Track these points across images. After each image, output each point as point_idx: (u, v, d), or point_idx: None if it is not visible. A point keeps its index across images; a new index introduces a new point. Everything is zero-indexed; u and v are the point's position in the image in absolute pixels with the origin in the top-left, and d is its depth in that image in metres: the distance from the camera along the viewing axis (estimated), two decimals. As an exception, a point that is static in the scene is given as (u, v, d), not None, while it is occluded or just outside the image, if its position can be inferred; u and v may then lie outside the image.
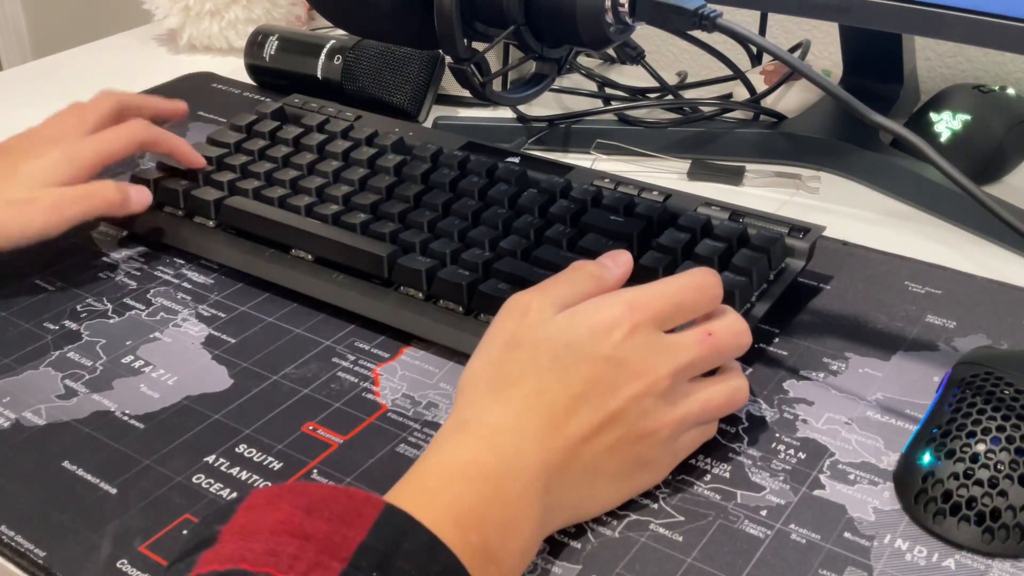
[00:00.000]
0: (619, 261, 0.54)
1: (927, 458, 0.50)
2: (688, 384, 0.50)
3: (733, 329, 0.52)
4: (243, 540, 0.39)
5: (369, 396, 0.58)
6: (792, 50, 0.91)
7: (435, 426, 0.56)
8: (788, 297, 0.62)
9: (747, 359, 0.59)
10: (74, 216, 0.66)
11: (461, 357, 0.59)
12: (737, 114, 0.84)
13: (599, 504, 0.49)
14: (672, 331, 0.51)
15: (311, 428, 0.56)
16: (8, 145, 0.70)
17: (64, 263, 0.70)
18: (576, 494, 0.48)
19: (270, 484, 0.52)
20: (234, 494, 0.52)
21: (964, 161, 0.74)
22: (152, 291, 0.67)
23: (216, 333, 0.63)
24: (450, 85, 0.91)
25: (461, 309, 0.61)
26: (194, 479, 0.53)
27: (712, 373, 0.52)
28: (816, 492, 0.51)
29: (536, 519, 0.45)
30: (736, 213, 0.65)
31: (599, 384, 0.48)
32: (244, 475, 0.53)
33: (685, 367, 0.50)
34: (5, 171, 0.66)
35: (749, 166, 0.80)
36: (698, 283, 0.52)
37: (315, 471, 0.53)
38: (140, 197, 0.69)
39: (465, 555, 0.41)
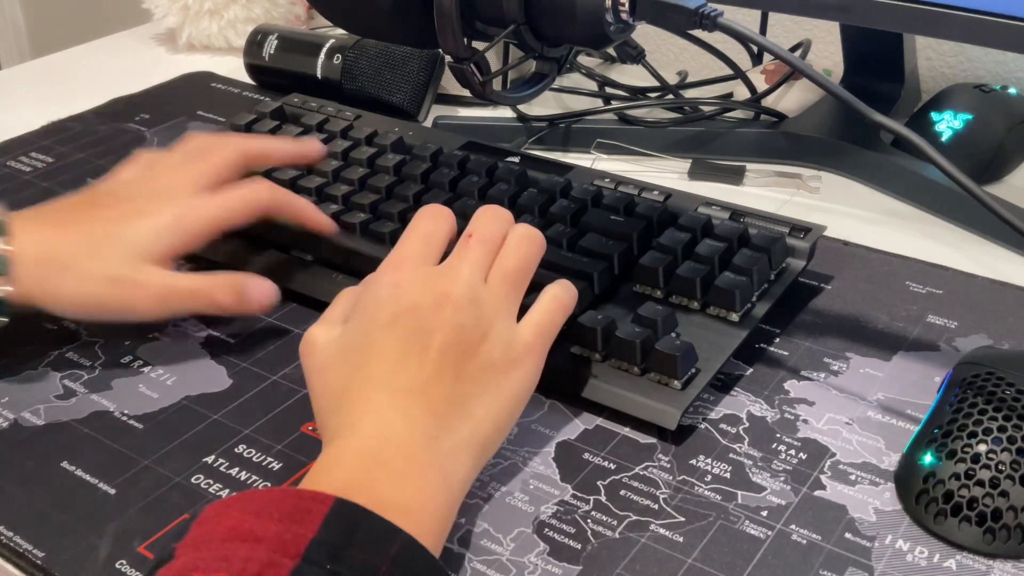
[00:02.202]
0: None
1: (928, 458, 0.50)
2: (485, 283, 0.51)
3: (486, 220, 0.54)
4: (195, 551, 0.39)
5: (369, 396, 0.58)
6: (793, 49, 0.91)
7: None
8: (789, 297, 0.61)
9: (748, 359, 0.59)
10: (179, 311, 0.61)
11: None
12: (738, 113, 0.84)
13: (492, 422, 0.49)
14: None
15: (310, 428, 0.56)
16: (113, 191, 0.62)
17: (63, 263, 0.70)
18: (462, 427, 0.48)
19: (269, 484, 0.52)
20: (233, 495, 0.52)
21: (965, 161, 0.74)
22: (151, 291, 0.67)
23: (215, 333, 0.63)
24: (450, 84, 0.91)
25: (461, 309, 0.61)
26: (193, 479, 0.53)
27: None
28: (817, 492, 0.51)
29: (434, 464, 0.46)
30: (737, 213, 0.65)
31: (409, 335, 0.48)
32: (243, 475, 0.53)
33: (467, 275, 0.51)
34: (108, 231, 0.59)
35: (750, 166, 0.80)
36: (427, 213, 0.54)
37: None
38: (263, 298, 0.61)
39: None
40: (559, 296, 0.53)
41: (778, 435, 0.54)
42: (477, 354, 0.49)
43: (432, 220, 0.54)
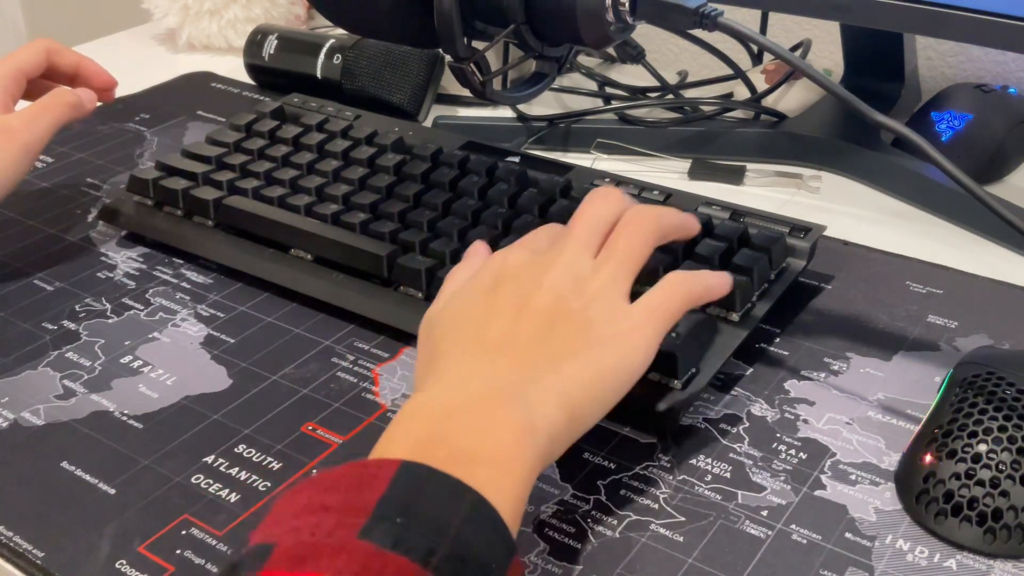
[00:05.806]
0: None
1: (928, 458, 0.50)
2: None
3: (591, 201, 0.54)
4: (267, 529, 0.39)
5: (369, 396, 0.58)
6: (793, 49, 0.91)
7: (435, 426, 0.55)
8: (789, 297, 0.61)
9: (748, 359, 0.59)
10: (49, 127, 0.69)
11: (461, 357, 0.59)
12: (738, 113, 0.84)
13: (580, 384, 0.47)
14: None
15: (310, 428, 0.56)
16: None
17: (63, 263, 0.70)
18: (547, 379, 0.46)
19: (269, 484, 0.52)
20: (233, 494, 0.52)
21: (966, 160, 0.74)
22: (151, 291, 0.67)
23: (215, 333, 0.63)
24: (450, 84, 0.91)
25: (461, 309, 0.61)
26: (193, 479, 0.53)
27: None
28: (817, 492, 0.51)
29: (516, 409, 0.45)
30: (737, 213, 0.65)
31: (506, 296, 0.50)
32: (243, 475, 0.53)
33: (570, 251, 0.51)
34: None
35: (750, 165, 0.80)
36: (580, 221, 0.54)
37: (315, 471, 0.53)
38: (89, 94, 0.73)
39: (443, 467, 0.41)
40: (679, 283, 0.52)
41: (778, 435, 0.54)
42: (572, 319, 0.49)
43: (542, 230, 0.55)
